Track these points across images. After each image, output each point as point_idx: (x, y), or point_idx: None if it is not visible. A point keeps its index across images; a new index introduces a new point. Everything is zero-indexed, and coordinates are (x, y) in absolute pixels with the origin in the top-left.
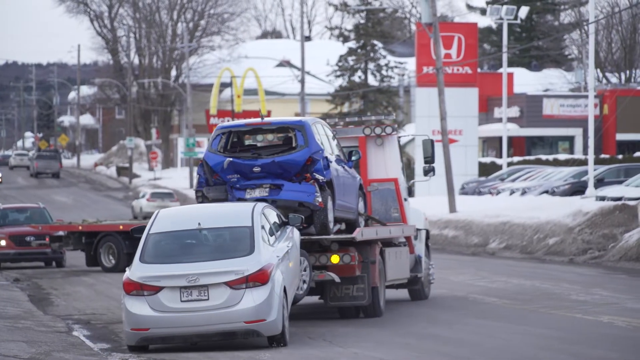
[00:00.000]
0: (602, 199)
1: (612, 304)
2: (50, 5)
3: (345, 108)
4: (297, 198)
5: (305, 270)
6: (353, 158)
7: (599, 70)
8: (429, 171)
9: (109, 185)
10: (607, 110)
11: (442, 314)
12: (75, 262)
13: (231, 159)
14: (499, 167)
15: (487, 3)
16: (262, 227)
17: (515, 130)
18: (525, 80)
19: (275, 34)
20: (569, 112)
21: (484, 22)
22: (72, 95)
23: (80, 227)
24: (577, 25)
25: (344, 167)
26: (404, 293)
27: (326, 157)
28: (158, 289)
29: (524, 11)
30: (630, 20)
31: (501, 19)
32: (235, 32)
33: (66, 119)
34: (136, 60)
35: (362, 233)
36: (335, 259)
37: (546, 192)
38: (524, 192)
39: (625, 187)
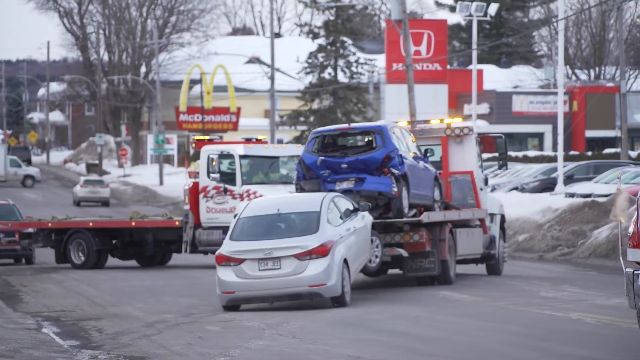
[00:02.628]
0: (572, 195)
1: (582, 300)
2: (20, 1)
3: (315, 105)
4: (377, 189)
5: (377, 247)
6: (428, 155)
7: (568, 67)
8: (502, 166)
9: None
10: (577, 107)
11: (413, 311)
12: (44, 259)
13: (323, 158)
14: None
15: (456, 0)
16: (329, 213)
17: (484, 127)
18: (495, 77)
19: (245, 31)
20: (539, 109)
21: (453, 19)
22: (41, 92)
23: (49, 224)
24: (546, 22)
25: (419, 163)
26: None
27: (401, 155)
28: (241, 261)
29: (493, 8)
30: (599, 17)
31: (470, 15)
32: (205, 29)
33: (35, 116)
34: (106, 57)
35: (428, 216)
36: (406, 237)
37: (515, 188)
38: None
39: (595, 183)
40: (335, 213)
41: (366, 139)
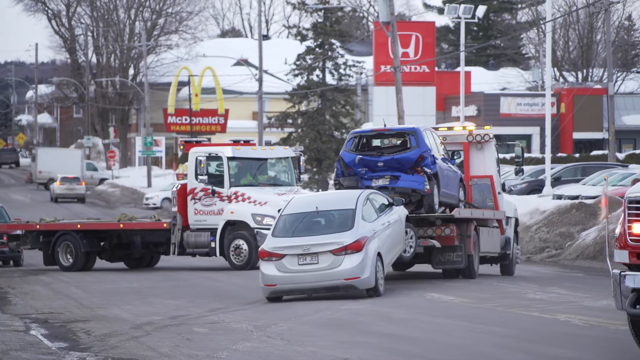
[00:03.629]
0: (559, 197)
1: (569, 302)
2: (8, 3)
3: (303, 107)
4: (411, 186)
5: (411, 239)
6: (455, 157)
7: (556, 69)
8: (519, 172)
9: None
10: (564, 109)
11: (399, 313)
12: (32, 261)
13: (361, 156)
14: None
15: (445, 2)
16: (364, 209)
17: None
18: (483, 79)
19: (234, 33)
20: (526, 111)
21: (441, 21)
22: (29, 94)
23: (37, 226)
24: (534, 24)
25: (447, 164)
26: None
27: (433, 155)
28: (282, 256)
29: (481, 10)
30: (587, 19)
31: (459, 17)
32: (193, 31)
33: (24, 118)
34: (94, 59)
35: (459, 212)
36: (438, 231)
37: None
38: None
39: (582, 185)
40: (370, 209)
41: (401, 140)
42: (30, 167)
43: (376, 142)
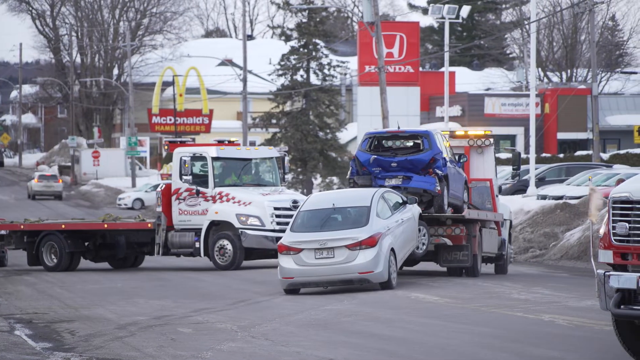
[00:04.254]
0: (544, 197)
1: (553, 302)
2: None
3: (288, 107)
4: (423, 186)
5: (424, 236)
6: (461, 160)
7: (540, 69)
8: (515, 176)
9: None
10: (549, 109)
11: (384, 313)
12: (17, 261)
13: (376, 156)
14: None
15: (429, 2)
16: (379, 207)
17: (456, 129)
18: (467, 79)
19: (218, 33)
20: (511, 111)
21: (425, 21)
22: (14, 94)
23: (22, 226)
24: (518, 24)
25: (454, 167)
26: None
27: (444, 158)
28: (300, 250)
29: (465, 10)
30: (571, 19)
31: (443, 18)
32: (178, 31)
33: (8, 118)
34: (78, 59)
35: (469, 213)
36: (448, 231)
37: None
38: None
39: (567, 186)
40: (385, 207)
41: (414, 142)
42: (75, 170)
43: (389, 143)
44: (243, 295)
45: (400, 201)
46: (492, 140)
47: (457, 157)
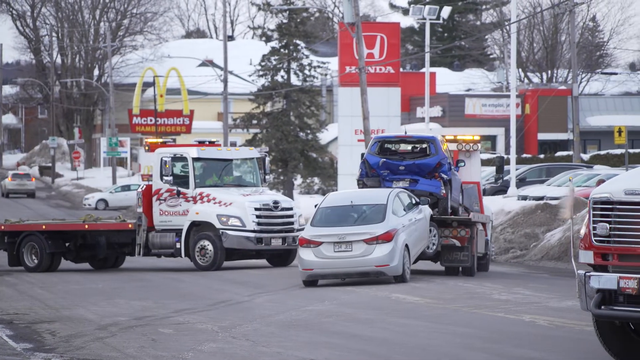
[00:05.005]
0: (524, 198)
1: (534, 303)
2: None
3: (268, 108)
4: (429, 189)
5: (434, 237)
6: (459, 165)
7: (520, 70)
8: (498, 180)
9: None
10: (529, 110)
11: (365, 314)
12: None
13: (385, 160)
14: None
15: (410, 3)
16: (394, 205)
17: (437, 129)
18: (448, 80)
19: (199, 34)
20: (491, 112)
21: (406, 21)
22: None
23: (2, 227)
24: (498, 25)
25: (453, 171)
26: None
27: (449, 163)
28: (320, 243)
29: (446, 11)
30: (551, 20)
31: (423, 18)
32: (158, 32)
33: None
34: (59, 60)
35: (474, 216)
36: (454, 232)
37: None
38: None
39: (547, 186)
40: (399, 206)
41: (421, 147)
42: (131, 166)
43: (396, 147)
44: (224, 295)
45: (414, 202)
46: (479, 145)
47: (456, 162)
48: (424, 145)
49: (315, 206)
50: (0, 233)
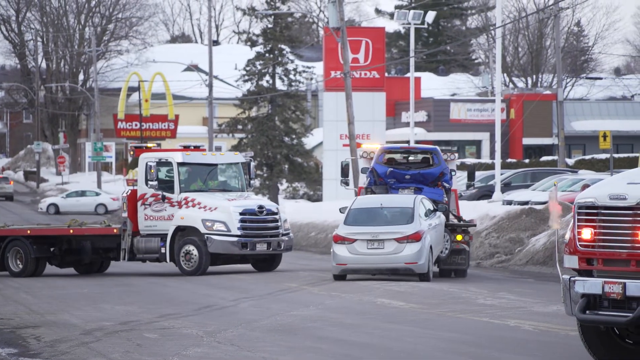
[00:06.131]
0: (509, 203)
1: (519, 307)
2: None
3: (254, 112)
4: (432, 197)
5: (447, 242)
6: (453, 174)
7: (505, 74)
8: (469, 187)
9: (16, 190)
10: (514, 115)
11: (350, 318)
12: None
13: (392, 169)
14: None
15: (395, 7)
16: (420, 209)
17: (422, 134)
18: (433, 85)
19: (184, 39)
20: (476, 117)
21: (391, 26)
22: None
23: None
24: (484, 29)
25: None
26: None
27: (450, 173)
28: (354, 240)
29: (431, 16)
30: (536, 25)
31: (409, 23)
32: (143, 37)
33: None
34: (44, 65)
35: (478, 222)
36: (459, 237)
37: None
38: None
39: (532, 191)
40: (423, 210)
41: (423, 157)
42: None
43: (401, 158)
44: (209, 300)
45: (432, 208)
46: (457, 154)
47: (449, 172)
48: (427, 156)
49: (341, 210)
50: None
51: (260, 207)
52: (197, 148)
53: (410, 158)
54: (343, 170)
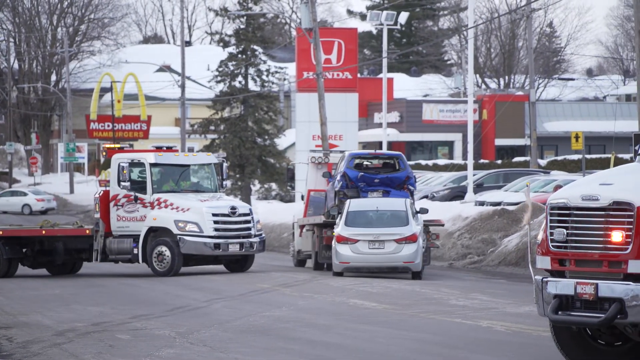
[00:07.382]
0: (482, 204)
1: (491, 308)
2: None
3: (226, 113)
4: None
5: (424, 241)
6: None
7: (478, 75)
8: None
9: None
10: (486, 116)
11: (323, 319)
12: None
13: (362, 174)
14: None
15: (367, 8)
16: (410, 212)
17: (395, 135)
18: (405, 86)
19: (156, 39)
20: (449, 117)
21: (364, 27)
22: None
23: None
24: (456, 30)
25: None
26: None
27: (415, 177)
28: (356, 241)
29: (403, 17)
30: (509, 25)
31: (381, 24)
32: (116, 37)
33: None
34: (16, 65)
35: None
36: (428, 236)
37: (426, 197)
38: None
39: (504, 192)
40: (411, 213)
41: (389, 162)
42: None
43: (367, 163)
44: (181, 301)
45: (415, 211)
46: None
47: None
48: (393, 161)
49: (344, 210)
50: None
51: (233, 208)
52: (169, 149)
53: (375, 162)
54: (288, 173)
